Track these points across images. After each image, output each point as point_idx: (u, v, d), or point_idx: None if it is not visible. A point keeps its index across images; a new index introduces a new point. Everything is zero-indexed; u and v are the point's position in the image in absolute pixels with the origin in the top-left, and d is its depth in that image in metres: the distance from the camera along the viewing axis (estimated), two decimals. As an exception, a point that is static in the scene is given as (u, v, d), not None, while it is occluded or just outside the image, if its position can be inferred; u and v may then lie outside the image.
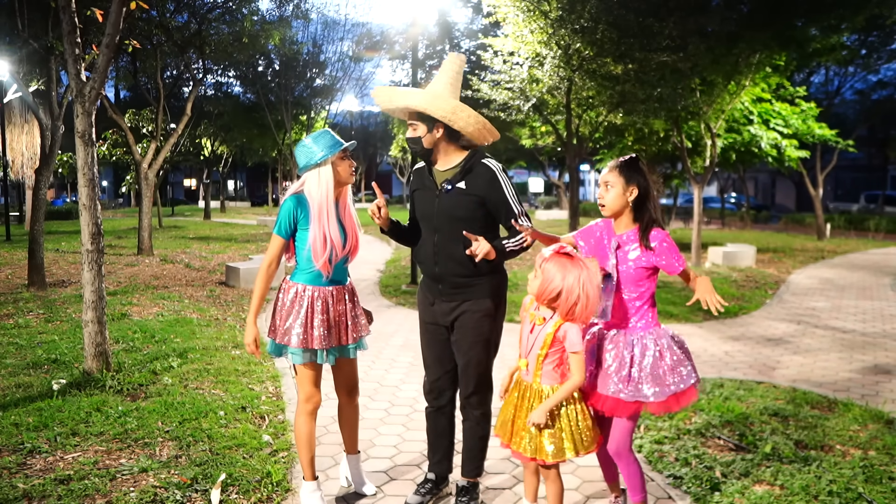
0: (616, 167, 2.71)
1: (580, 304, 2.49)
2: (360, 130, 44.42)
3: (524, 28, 10.53)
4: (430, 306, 3.00)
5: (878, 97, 26.05)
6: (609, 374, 2.65)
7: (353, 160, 2.98)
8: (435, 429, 3.11)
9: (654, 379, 2.59)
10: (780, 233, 22.28)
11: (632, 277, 2.68)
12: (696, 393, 2.69)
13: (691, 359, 2.72)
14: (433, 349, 3.02)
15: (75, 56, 4.85)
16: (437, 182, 2.91)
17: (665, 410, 2.64)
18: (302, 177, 2.92)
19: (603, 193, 2.73)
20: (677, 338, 2.73)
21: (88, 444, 3.66)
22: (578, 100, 11.34)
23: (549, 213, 30.00)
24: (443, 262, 2.88)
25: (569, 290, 2.48)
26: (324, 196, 2.84)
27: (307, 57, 22.46)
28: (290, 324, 2.86)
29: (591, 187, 53.63)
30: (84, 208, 4.82)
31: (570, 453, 2.53)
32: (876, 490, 3.21)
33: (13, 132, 19.45)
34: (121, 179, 31.97)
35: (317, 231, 2.83)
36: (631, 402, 2.61)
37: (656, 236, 2.66)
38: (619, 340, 2.68)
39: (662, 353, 2.64)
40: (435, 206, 2.88)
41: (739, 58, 10.63)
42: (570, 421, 2.55)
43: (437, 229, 2.88)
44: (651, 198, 2.70)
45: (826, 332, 7.05)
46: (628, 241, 2.70)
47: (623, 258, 2.70)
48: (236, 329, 6.70)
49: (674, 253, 2.65)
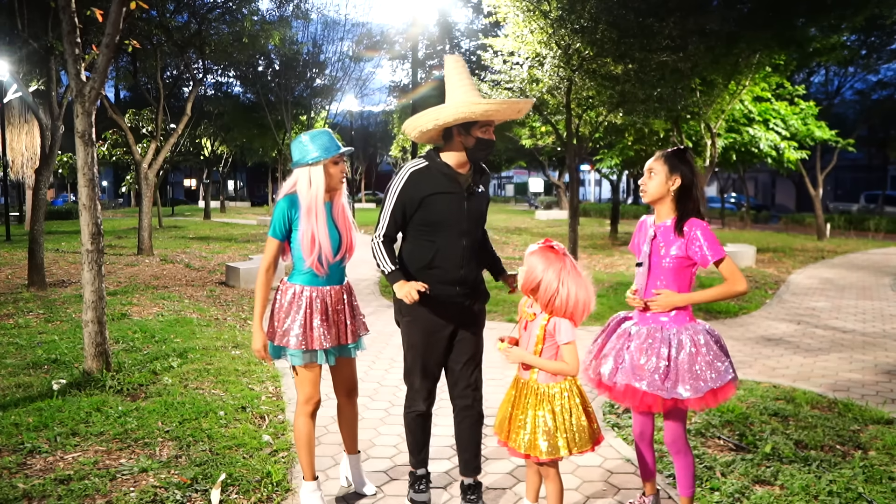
0: (662, 156, 2.72)
1: (558, 297, 2.49)
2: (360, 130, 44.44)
3: (524, 28, 10.53)
4: (437, 318, 2.89)
5: (878, 97, 26.06)
6: (645, 370, 2.64)
7: (345, 164, 2.98)
8: (425, 429, 3.08)
9: (690, 376, 2.58)
10: (780, 233, 22.28)
11: (668, 269, 2.66)
12: (733, 389, 2.67)
13: (728, 354, 2.70)
14: (436, 357, 2.97)
15: (75, 56, 4.85)
16: (462, 185, 2.85)
17: (703, 406, 2.63)
18: (293, 174, 2.91)
19: (646, 181, 2.74)
20: (713, 333, 2.71)
21: (88, 444, 3.66)
22: (578, 100, 11.33)
23: (549, 213, 29.99)
24: (469, 266, 2.89)
25: (547, 283, 2.50)
26: (313, 197, 2.83)
27: (307, 57, 22.47)
28: (288, 325, 2.84)
29: (591, 187, 53.63)
30: (84, 208, 4.82)
31: (563, 451, 2.53)
32: (876, 490, 3.21)
33: (13, 132, 19.46)
34: (121, 179, 31.99)
35: (304, 230, 2.83)
36: (668, 399, 2.62)
37: (691, 224, 2.63)
38: (654, 336, 2.67)
39: (698, 349, 2.61)
40: (464, 210, 2.85)
41: (739, 58, 10.63)
42: (564, 419, 2.55)
43: (467, 232, 2.86)
44: (695, 190, 2.67)
45: (826, 332, 7.05)
46: (666, 232, 2.69)
47: (656, 248, 2.69)
48: (236, 329, 6.70)
49: (708, 243, 2.59)
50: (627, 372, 2.68)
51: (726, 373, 2.62)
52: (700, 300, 2.69)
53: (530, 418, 2.58)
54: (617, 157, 16.42)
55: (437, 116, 2.75)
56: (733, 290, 2.64)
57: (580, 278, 2.53)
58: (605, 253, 14.67)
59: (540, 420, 2.56)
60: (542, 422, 2.55)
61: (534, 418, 2.57)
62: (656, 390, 2.60)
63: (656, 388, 2.60)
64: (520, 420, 2.61)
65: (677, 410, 2.69)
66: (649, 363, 2.63)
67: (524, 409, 2.60)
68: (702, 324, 2.72)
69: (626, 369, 2.68)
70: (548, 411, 2.56)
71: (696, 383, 2.58)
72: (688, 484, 2.79)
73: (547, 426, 2.55)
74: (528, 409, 2.59)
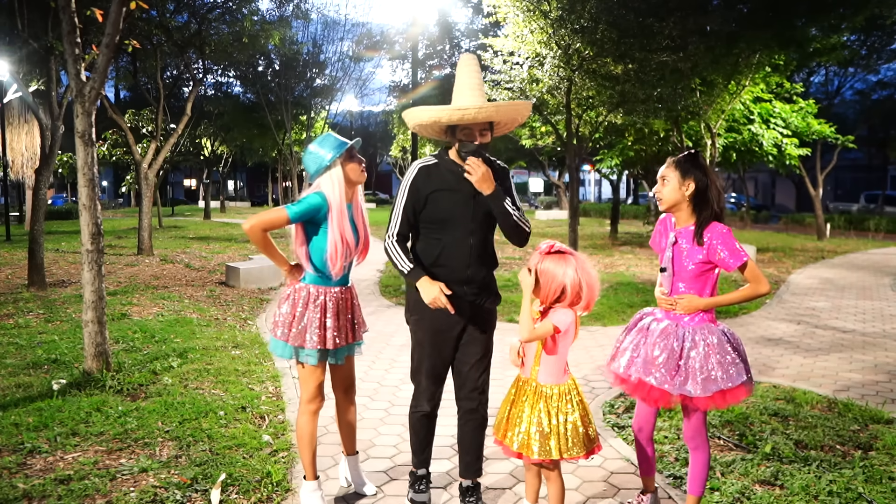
0: (673, 162, 2.74)
1: (584, 290, 2.55)
2: (360, 130, 44.47)
3: (524, 28, 10.53)
4: (445, 317, 2.86)
5: (878, 97, 26.08)
6: (657, 364, 2.67)
7: (361, 158, 2.95)
8: (427, 429, 3.07)
9: (700, 374, 2.61)
10: (780, 233, 22.29)
11: (690, 273, 2.69)
12: (745, 392, 2.67)
13: (744, 357, 2.70)
14: (443, 357, 2.96)
15: (75, 56, 4.85)
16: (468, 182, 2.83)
17: (711, 406, 2.65)
18: (314, 184, 2.88)
19: (660, 188, 2.75)
20: (732, 335, 2.72)
21: (88, 444, 3.66)
22: (578, 100, 11.33)
23: (549, 213, 30.00)
24: (476, 264, 2.87)
25: (573, 283, 2.53)
26: (338, 198, 2.82)
27: (307, 57, 22.44)
28: (304, 325, 2.85)
29: (590, 187, 53.63)
30: (84, 208, 4.82)
31: (554, 453, 2.53)
32: (876, 490, 3.21)
33: (13, 132, 19.45)
34: (121, 179, 31.99)
35: (336, 234, 2.81)
36: (676, 394, 2.64)
37: (711, 231, 2.65)
38: (670, 332, 2.70)
39: (710, 349, 2.63)
40: (472, 208, 2.84)
41: (739, 58, 10.64)
42: (559, 422, 2.55)
43: (474, 231, 2.85)
44: (712, 193, 2.68)
45: (826, 332, 7.05)
46: (686, 237, 2.71)
47: (679, 253, 2.71)
48: (236, 329, 6.70)
49: (731, 249, 2.61)
50: (640, 366, 2.71)
51: (738, 375, 2.63)
52: (724, 303, 2.72)
53: (526, 416, 2.58)
54: (617, 157, 16.42)
55: (416, 116, 2.82)
56: (757, 292, 2.68)
57: (586, 263, 2.60)
58: (605, 253, 14.67)
59: (535, 419, 2.56)
60: (536, 421, 2.55)
61: (529, 417, 2.57)
62: (665, 385, 2.64)
63: (665, 383, 2.64)
64: (516, 418, 2.62)
65: (695, 407, 2.71)
66: (660, 358, 2.67)
67: (521, 406, 2.61)
68: (721, 325, 2.74)
69: (640, 363, 2.72)
70: (544, 412, 2.55)
71: (706, 382, 2.60)
72: (700, 482, 2.80)
73: (541, 426, 2.54)
74: (525, 408, 2.60)
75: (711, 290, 2.72)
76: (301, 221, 2.85)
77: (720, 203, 2.70)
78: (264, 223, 2.80)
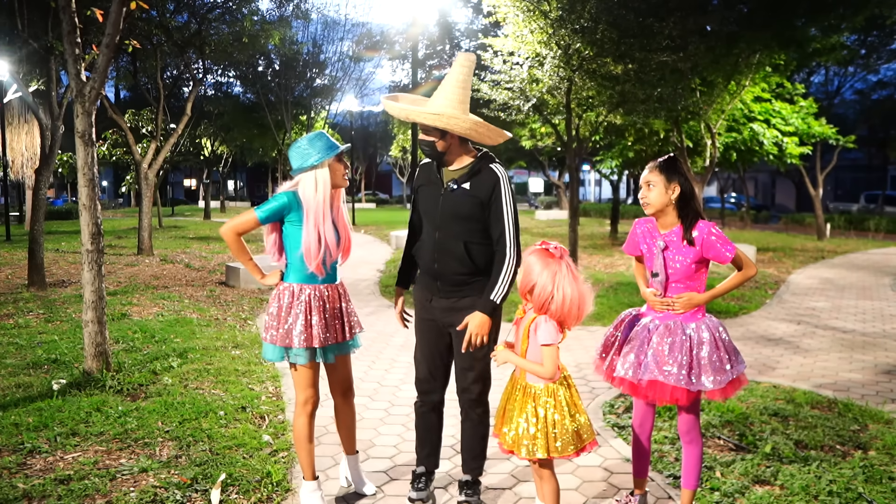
0: (656, 167, 2.78)
1: (554, 301, 2.49)
2: (360, 130, 44.41)
3: (524, 28, 10.52)
4: (427, 303, 3.00)
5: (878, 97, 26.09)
6: (667, 363, 2.70)
7: (346, 163, 3.00)
8: (425, 424, 3.11)
9: (713, 368, 2.67)
10: (780, 233, 22.28)
11: (683, 273, 2.76)
12: (746, 379, 2.80)
13: (734, 344, 2.82)
14: (428, 345, 3.03)
15: (75, 56, 4.85)
16: (443, 180, 2.92)
17: (723, 397, 2.74)
18: (295, 178, 2.91)
19: (645, 193, 2.79)
20: (720, 325, 2.81)
21: (88, 444, 3.66)
22: (578, 100, 11.32)
23: (548, 213, 30.01)
24: (442, 260, 2.90)
25: (542, 286, 2.50)
26: (320, 199, 2.85)
27: (307, 57, 22.46)
28: (290, 324, 2.86)
29: (590, 187, 53.63)
30: (84, 208, 4.82)
31: (540, 452, 2.52)
32: (876, 490, 3.21)
33: (13, 132, 19.46)
34: (121, 179, 31.97)
35: (311, 233, 2.83)
36: (693, 391, 2.70)
37: (700, 229, 2.73)
38: (675, 331, 2.73)
39: (717, 341, 2.71)
40: (438, 204, 2.91)
41: (739, 58, 10.63)
42: (546, 423, 2.53)
43: (439, 227, 2.91)
44: (694, 195, 2.77)
45: (826, 332, 7.05)
46: (675, 241, 2.76)
47: (672, 258, 2.77)
48: (236, 329, 6.70)
49: (721, 243, 2.70)
50: (651, 367, 2.73)
51: (739, 364, 2.75)
52: (720, 293, 2.81)
53: (515, 416, 2.58)
54: (617, 157, 16.42)
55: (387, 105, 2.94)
56: (747, 276, 2.80)
57: (576, 281, 2.51)
58: (605, 253, 14.67)
59: (523, 418, 2.55)
60: (524, 419, 2.55)
61: (518, 416, 2.57)
62: (682, 384, 2.67)
63: (682, 381, 2.67)
64: (510, 414, 2.62)
65: (695, 401, 2.78)
66: (672, 357, 2.70)
67: (513, 405, 2.62)
68: (715, 319, 2.82)
69: (650, 365, 2.73)
70: (531, 411, 2.54)
71: (719, 374, 2.67)
72: (694, 475, 2.85)
73: (528, 425, 2.54)
74: (516, 406, 2.60)
75: (704, 286, 2.81)
76: (271, 222, 2.88)
77: (700, 204, 2.81)
78: (237, 226, 2.87)
